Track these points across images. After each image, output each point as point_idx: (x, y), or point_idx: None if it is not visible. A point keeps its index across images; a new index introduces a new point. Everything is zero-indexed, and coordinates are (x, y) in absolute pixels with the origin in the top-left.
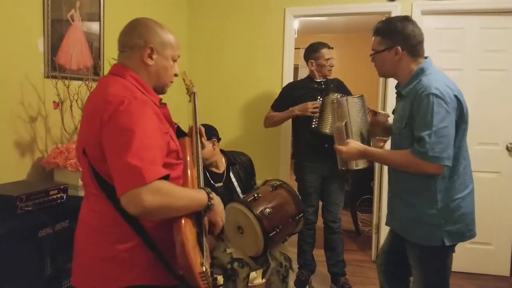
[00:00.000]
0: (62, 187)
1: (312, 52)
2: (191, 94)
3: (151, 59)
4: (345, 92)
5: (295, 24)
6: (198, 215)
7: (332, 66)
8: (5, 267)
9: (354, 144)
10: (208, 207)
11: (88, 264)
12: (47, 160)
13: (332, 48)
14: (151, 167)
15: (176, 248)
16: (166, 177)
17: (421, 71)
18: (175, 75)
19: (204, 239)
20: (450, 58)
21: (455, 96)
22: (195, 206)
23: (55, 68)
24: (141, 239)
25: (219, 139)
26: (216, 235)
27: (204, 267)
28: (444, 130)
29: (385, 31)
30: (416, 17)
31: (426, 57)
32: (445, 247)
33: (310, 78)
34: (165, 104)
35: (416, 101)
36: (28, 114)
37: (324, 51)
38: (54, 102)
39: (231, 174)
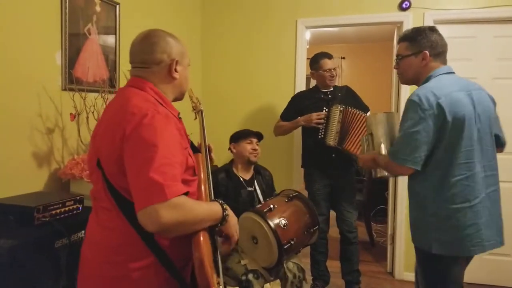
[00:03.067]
0: (78, 198)
1: (313, 63)
2: (198, 112)
3: (176, 71)
4: (354, 99)
5: (307, 34)
6: (211, 232)
7: (333, 77)
8: (22, 277)
9: (371, 153)
10: (224, 219)
11: (98, 283)
12: (63, 171)
13: (333, 57)
14: (172, 183)
15: (194, 266)
16: (185, 194)
17: (428, 79)
18: None
19: (218, 256)
20: (463, 66)
21: (438, 103)
22: (211, 220)
23: (72, 81)
24: (154, 258)
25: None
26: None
27: (220, 287)
28: (414, 134)
29: (414, 37)
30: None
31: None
32: (439, 256)
33: (317, 88)
34: (181, 118)
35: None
36: (45, 125)
37: (323, 61)
38: (71, 114)
39: (255, 182)
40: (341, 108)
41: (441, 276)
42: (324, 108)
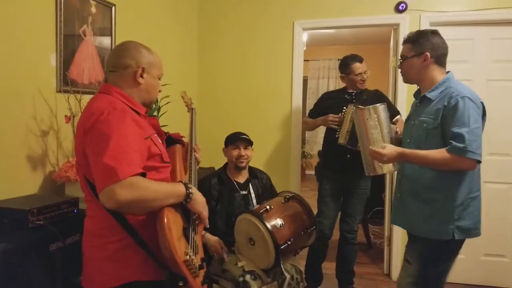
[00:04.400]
0: (73, 200)
1: (343, 66)
2: (190, 110)
3: (142, 77)
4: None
5: (304, 36)
6: (185, 211)
7: (364, 80)
8: (17, 281)
9: (392, 147)
10: (188, 196)
11: (90, 265)
12: (58, 173)
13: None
14: (126, 167)
15: (159, 241)
16: (142, 175)
17: (447, 80)
18: (159, 91)
19: (192, 232)
20: (459, 69)
21: (481, 103)
22: (173, 198)
23: (67, 83)
24: (131, 239)
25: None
26: (205, 227)
27: (188, 256)
28: (477, 130)
29: (416, 39)
30: (425, 28)
31: (448, 71)
32: (454, 241)
33: (345, 88)
34: (155, 116)
35: (450, 103)
36: (40, 128)
37: (354, 66)
38: (65, 116)
39: (250, 186)
40: (353, 107)
41: (446, 261)
42: (344, 108)
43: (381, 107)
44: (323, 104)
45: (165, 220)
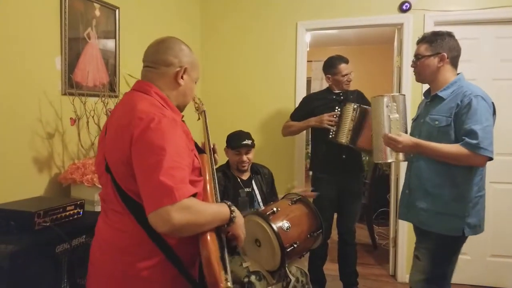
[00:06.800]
0: (78, 202)
1: (329, 67)
2: (201, 112)
3: (182, 79)
4: (365, 103)
5: (307, 37)
6: (218, 230)
7: (349, 81)
8: (23, 283)
9: (407, 136)
10: (231, 220)
11: (108, 282)
12: (64, 175)
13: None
14: (181, 185)
15: (202, 264)
16: (194, 195)
17: (459, 80)
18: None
19: (226, 254)
20: (464, 68)
21: (492, 103)
22: (219, 221)
23: (72, 85)
24: (163, 257)
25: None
26: (237, 249)
27: (228, 283)
28: (489, 128)
29: (434, 39)
30: (429, 28)
31: (458, 73)
32: (462, 238)
33: (329, 89)
34: (183, 121)
35: (464, 101)
36: (45, 130)
37: (341, 66)
38: (71, 118)
39: (253, 182)
40: (355, 106)
41: (454, 255)
42: (337, 108)
43: (401, 97)
44: (310, 105)
45: (210, 244)
